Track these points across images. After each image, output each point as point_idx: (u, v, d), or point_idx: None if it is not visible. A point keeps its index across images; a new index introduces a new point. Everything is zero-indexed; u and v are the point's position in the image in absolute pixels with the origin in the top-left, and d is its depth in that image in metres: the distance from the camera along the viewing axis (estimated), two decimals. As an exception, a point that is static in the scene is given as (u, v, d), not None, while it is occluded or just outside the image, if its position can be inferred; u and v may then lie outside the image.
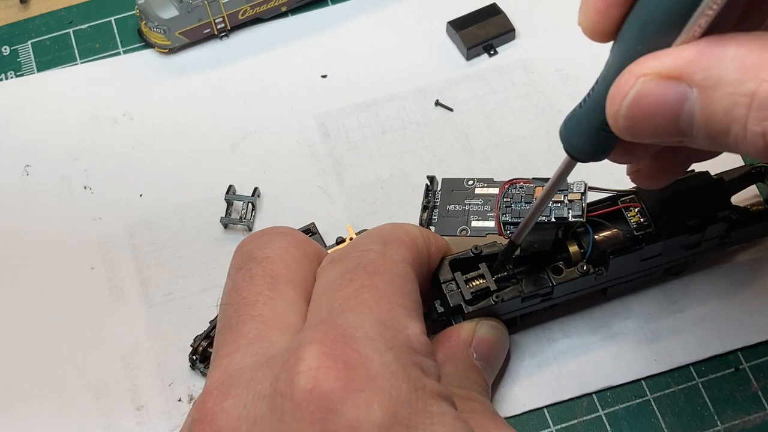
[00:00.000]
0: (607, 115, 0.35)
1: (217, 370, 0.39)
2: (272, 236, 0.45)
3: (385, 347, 0.37)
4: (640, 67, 0.34)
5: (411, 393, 0.36)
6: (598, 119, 0.37)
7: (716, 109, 0.32)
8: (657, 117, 0.34)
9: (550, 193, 0.44)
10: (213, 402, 0.38)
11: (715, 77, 0.32)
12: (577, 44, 0.64)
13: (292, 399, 0.36)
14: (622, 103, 0.34)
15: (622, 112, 0.34)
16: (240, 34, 0.67)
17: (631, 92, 0.34)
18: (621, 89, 0.34)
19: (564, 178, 0.42)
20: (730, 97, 0.32)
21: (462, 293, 0.49)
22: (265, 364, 0.38)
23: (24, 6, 0.69)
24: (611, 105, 0.34)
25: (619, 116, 0.34)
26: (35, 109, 0.64)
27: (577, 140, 0.39)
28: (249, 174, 0.61)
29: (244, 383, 0.38)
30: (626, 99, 0.34)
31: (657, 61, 0.33)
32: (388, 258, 0.43)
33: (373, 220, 0.59)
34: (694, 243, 0.52)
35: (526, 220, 0.46)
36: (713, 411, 0.52)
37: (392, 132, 0.62)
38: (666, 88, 0.33)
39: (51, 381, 0.54)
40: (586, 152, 0.39)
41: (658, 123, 0.34)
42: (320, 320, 0.39)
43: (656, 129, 0.34)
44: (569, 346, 0.54)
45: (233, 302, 0.42)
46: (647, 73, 0.33)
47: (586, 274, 0.50)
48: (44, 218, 0.60)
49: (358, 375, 0.36)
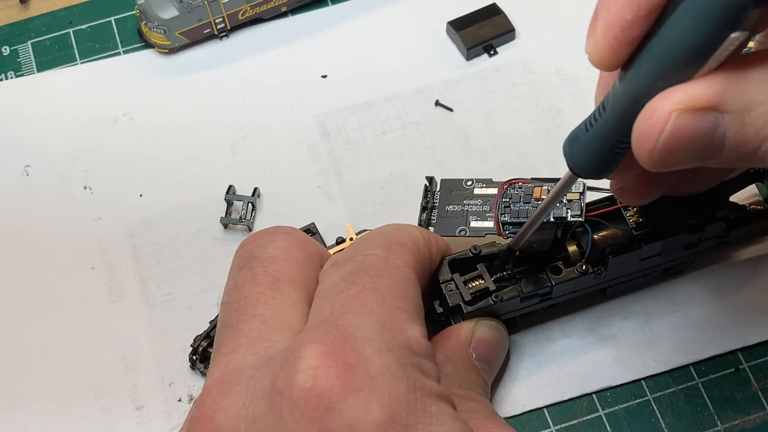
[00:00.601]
0: (637, 152, 0.35)
1: (217, 368, 0.40)
2: (275, 236, 0.45)
3: (385, 348, 0.37)
4: (669, 102, 0.34)
5: (410, 393, 0.36)
6: (607, 144, 0.38)
7: (749, 130, 0.34)
8: (692, 146, 0.35)
9: (550, 204, 0.44)
10: (212, 400, 0.38)
11: (745, 102, 0.34)
12: (577, 44, 0.64)
13: (290, 397, 0.36)
14: (658, 139, 0.34)
15: (658, 148, 0.35)
16: (240, 34, 0.67)
17: (667, 128, 0.34)
18: (654, 126, 0.34)
19: (565, 192, 0.43)
20: (762, 117, 0.34)
21: (461, 293, 0.49)
22: (265, 363, 0.38)
23: (24, 6, 0.69)
24: (645, 142, 0.35)
25: (655, 152, 0.35)
26: (35, 109, 0.64)
27: (583, 161, 0.39)
28: (249, 174, 0.61)
29: (243, 382, 0.38)
30: (663, 135, 0.34)
31: (686, 95, 0.34)
32: (391, 262, 0.43)
33: (373, 220, 0.59)
34: (693, 242, 0.52)
35: (525, 227, 0.47)
36: (713, 411, 0.52)
37: (392, 132, 0.62)
38: (700, 119, 0.34)
39: (51, 381, 0.54)
40: (591, 171, 0.40)
41: (692, 152, 0.35)
42: (321, 321, 0.39)
43: (689, 157, 0.35)
44: (569, 346, 0.54)
45: (234, 301, 0.42)
46: (679, 108, 0.34)
47: (585, 273, 0.50)
48: (44, 218, 0.60)
49: (358, 374, 0.36)
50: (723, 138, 0.34)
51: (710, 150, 0.35)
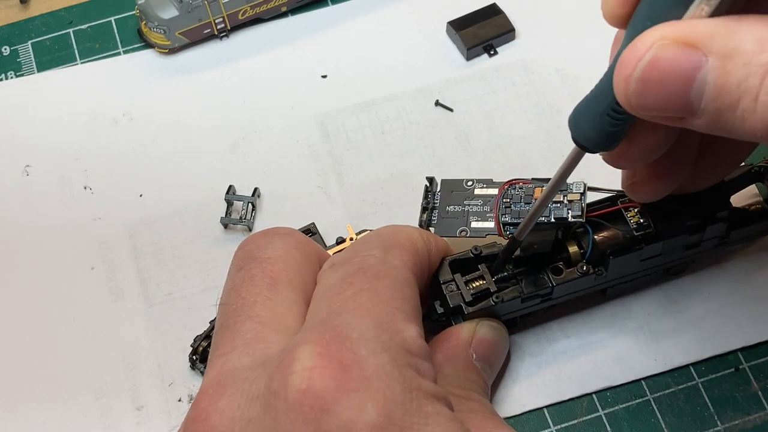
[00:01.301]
0: (615, 82, 0.34)
1: (213, 369, 0.40)
2: (273, 237, 0.45)
3: (381, 348, 0.37)
4: (657, 32, 0.33)
5: (405, 393, 0.36)
6: (608, 101, 0.37)
7: (730, 79, 0.32)
8: (669, 84, 0.33)
9: (555, 186, 0.44)
10: (207, 402, 0.38)
11: (732, 47, 0.32)
12: (577, 44, 0.65)
13: (285, 399, 0.36)
14: (637, 65, 0.33)
15: (635, 75, 0.33)
16: (240, 34, 0.67)
17: (648, 54, 0.33)
18: (637, 52, 0.33)
19: (571, 170, 0.42)
20: (746, 67, 0.32)
21: (462, 294, 0.49)
22: (261, 364, 0.38)
23: (24, 6, 0.69)
24: (624, 69, 0.34)
25: (632, 80, 0.34)
26: (35, 109, 0.64)
27: (586, 127, 0.38)
28: (249, 174, 0.61)
29: (239, 383, 0.38)
30: (642, 61, 0.33)
31: (675, 28, 0.33)
32: (389, 263, 0.43)
33: (373, 220, 0.59)
34: (694, 243, 0.52)
35: (530, 215, 0.46)
36: (713, 411, 0.52)
37: (392, 132, 0.62)
38: (683, 53, 0.33)
39: (51, 381, 0.54)
40: (595, 140, 0.39)
41: (669, 91, 0.33)
42: (318, 321, 0.39)
43: (666, 98, 0.34)
44: (569, 346, 0.54)
45: (232, 302, 0.43)
46: (665, 37, 0.33)
47: (585, 274, 0.50)
48: (44, 218, 0.60)
49: (353, 375, 0.36)
50: (703, 84, 0.33)
51: (688, 95, 0.33)
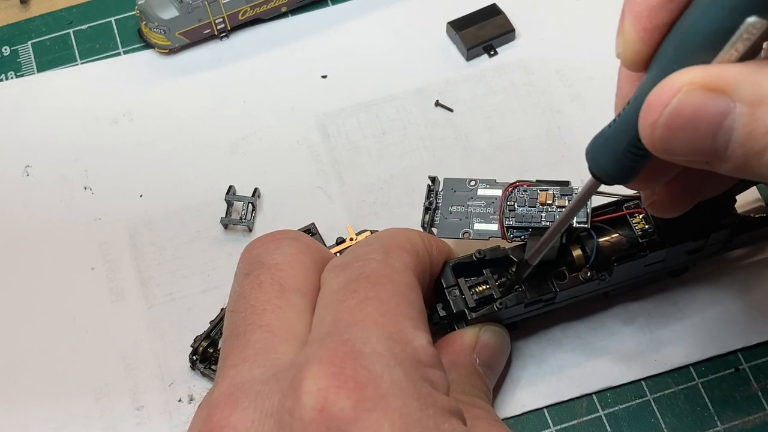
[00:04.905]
0: (641, 125, 0.34)
1: (224, 380, 0.39)
2: (281, 241, 0.44)
3: (394, 363, 0.37)
4: (686, 77, 0.32)
5: (422, 411, 0.36)
6: (628, 139, 0.36)
7: (758, 126, 0.32)
8: (695, 130, 0.32)
9: (570, 214, 0.43)
10: (220, 415, 0.37)
11: (761, 94, 0.32)
12: (577, 44, 0.65)
13: (301, 419, 0.35)
14: (663, 111, 0.32)
15: (661, 121, 0.33)
16: (240, 34, 0.67)
17: (674, 100, 0.32)
18: (662, 97, 0.32)
19: (587, 199, 0.41)
20: None
21: (465, 299, 0.49)
22: (273, 377, 0.37)
23: (24, 6, 0.69)
24: (649, 114, 0.33)
25: (657, 126, 0.33)
26: (35, 109, 0.64)
27: (604, 161, 0.37)
28: (249, 174, 0.61)
29: (251, 397, 0.37)
30: (669, 107, 0.32)
31: (704, 73, 0.32)
32: (391, 266, 0.42)
33: (373, 221, 0.59)
34: (697, 248, 0.52)
35: (543, 240, 0.45)
36: (713, 411, 0.52)
37: (392, 132, 0.62)
38: (710, 100, 0.32)
39: (51, 381, 0.54)
40: (612, 174, 0.38)
41: (696, 137, 0.33)
42: (326, 333, 0.39)
43: (692, 144, 0.33)
44: (569, 346, 0.54)
45: (241, 310, 0.42)
46: (692, 82, 0.32)
47: (589, 280, 0.49)
48: (44, 218, 0.60)
49: (368, 394, 0.35)
50: (730, 130, 0.32)
51: (715, 141, 0.33)
